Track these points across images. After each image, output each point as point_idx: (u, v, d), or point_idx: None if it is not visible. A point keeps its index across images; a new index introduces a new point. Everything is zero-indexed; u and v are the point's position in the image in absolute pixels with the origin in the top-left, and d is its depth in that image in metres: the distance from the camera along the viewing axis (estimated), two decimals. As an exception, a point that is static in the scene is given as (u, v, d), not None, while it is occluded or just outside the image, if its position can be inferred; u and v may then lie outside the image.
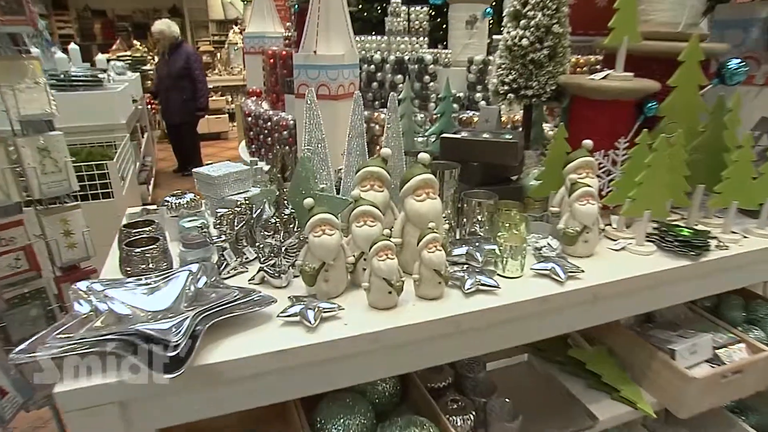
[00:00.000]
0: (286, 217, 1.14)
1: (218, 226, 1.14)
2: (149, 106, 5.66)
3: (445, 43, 3.64)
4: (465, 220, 1.34)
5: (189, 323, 0.87)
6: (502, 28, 1.59)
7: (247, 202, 1.21)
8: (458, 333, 1.04)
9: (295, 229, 1.14)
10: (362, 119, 1.31)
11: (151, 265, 1.08)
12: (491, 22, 3.27)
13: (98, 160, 2.51)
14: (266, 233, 1.10)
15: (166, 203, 1.44)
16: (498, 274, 1.18)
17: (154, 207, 1.46)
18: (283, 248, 1.11)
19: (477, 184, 1.43)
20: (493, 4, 3.15)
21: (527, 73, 1.54)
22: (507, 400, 1.31)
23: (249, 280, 1.14)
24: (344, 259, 1.08)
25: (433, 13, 3.83)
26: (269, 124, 4.46)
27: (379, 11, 4.05)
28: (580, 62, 2.48)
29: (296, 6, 3.34)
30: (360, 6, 4.10)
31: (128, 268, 1.07)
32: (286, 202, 1.19)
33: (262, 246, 1.11)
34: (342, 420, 1.21)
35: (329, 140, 1.30)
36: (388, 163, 1.23)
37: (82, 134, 3.08)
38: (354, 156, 1.33)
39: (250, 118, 4.98)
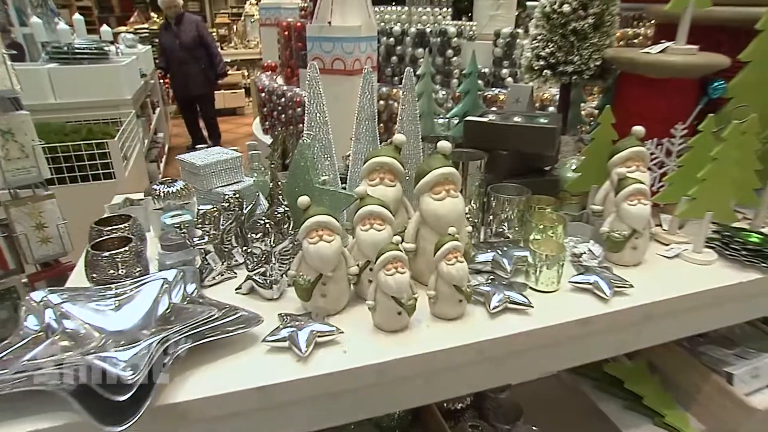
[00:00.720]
0: (279, 216, 0.97)
1: (200, 225, 0.97)
2: (161, 81, 5.50)
3: (470, 14, 3.37)
4: (491, 218, 1.15)
5: (152, 352, 0.71)
6: (538, -7, 1.36)
7: (236, 195, 1.04)
8: (481, 361, 0.87)
9: (290, 230, 0.97)
10: (373, 99, 1.12)
11: (121, 271, 0.92)
12: (521, -10, 3.01)
13: (98, 139, 2.37)
14: (254, 236, 0.93)
15: (153, 192, 1.28)
16: (530, 287, 0.99)
17: (139, 197, 1.30)
18: (275, 253, 0.94)
19: (505, 175, 1.23)
20: (525, -31, 2.88)
21: (568, 46, 1.32)
22: (534, 428, 1.14)
23: (236, 290, 0.98)
24: (346, 269, 0.90)
25: (457, -18, 3.57)
26: (282, 100, 4.28)
27: (400, -21, 3.79)
28: (629, 34, 2.21)
29: (310, -28, 3.11)
30: (379, -27, 3.83)
31: (94, 274, 0.92)
32: (281, 196, 1.02)
33: (250, 251, 0.95)
34: (344, 447, 1.07)
35: (343, 121, 1.12)
36: (401, 152, 1.04)
37: (85, 110, 2.94)
38: (363, 142, 1.15)
39: (263, 94, 4.81)
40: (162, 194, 1.28)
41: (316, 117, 1.07)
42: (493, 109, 2.53)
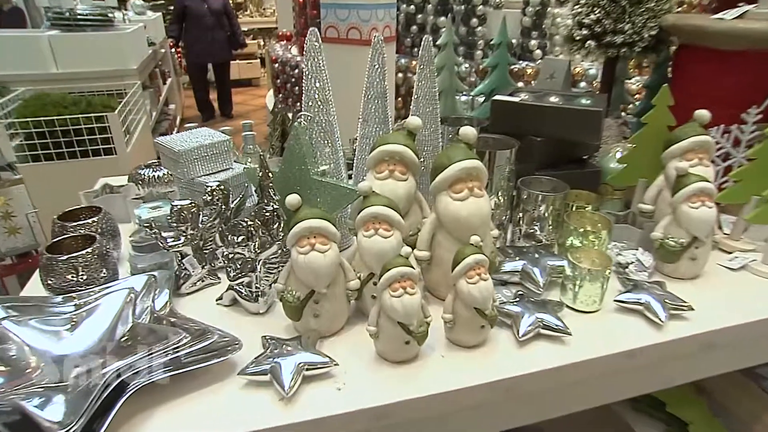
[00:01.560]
0: (267, 214, 0.81)
1: (175, 223, 0.82)
2: (172, 50, 5.32)
3: (497, -22, 3.10)
4: (520, 216, 0.98)
5: (96, 393, 0.57)
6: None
7: (220, 187, 0.88)
8: (507, 400, 0.71)
9: (281, 232, 0.82)
10: (384, 74, 0.94)
11: (82, 276, 0.78)
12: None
13: (98, 112, 2.23)
14: (235, 239, 0.77)
15: (137, 176, 1.14)
16: (567, 306, 0.82)
17: (122, 183, 1.16)
18: (260, 261, 0.78)
19: (538, 166, 1.05)
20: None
21: (618, 12, 1.11)
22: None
23: (217, 300, 0.83)
24: (344, 283, 0.75)
25: (485, -58, 3.27)
26: (297, 71, 4.07)
27: (422, -60, 3.50)
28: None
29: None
30: (400, -66, 3.56)
31: (50, 280, 0.78)
32: (271, 190, 0.86)
33: (231, 256, 0.80)
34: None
35: (359, 99, 0.95)
36: (416, 137, 0.87)
37: (88, 81, 2.80)
38: (372, 124, 0.97)
39: (277, 65, 4.60)
40: (147, 179, 1.13)
41: (314, 95, 0.90)
42: (521, 85, 2.31)
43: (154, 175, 1.13)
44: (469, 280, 0.70)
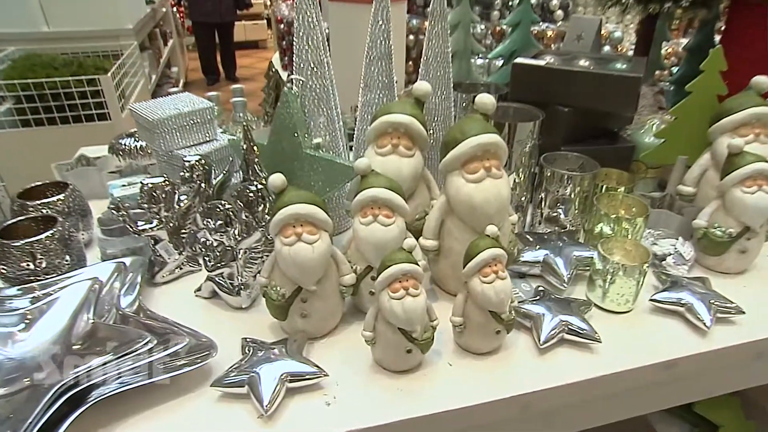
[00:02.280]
0: (251, 194, 0.70)
1: (146, 204, 0.72)
2: (173, 9, 5.11)
3: (518, -71, 2.86)
4: (542, 198, 0.86)
5: (39, 411, 0.48)
6: None
7: (201, 162, 0.77)
8: (525, 417, 0.61)
9: (267, 215, 0.71)
10: (387, 32, 0.81)
11: (40, 264, 0.69)
12: None
13: (90, 74, 2.11)
14: (211, 223, 0.67)
15: (116, 146, 1.03)
16: (596, 305, 0.71)
17: (98, 155, 1.05)
18: (241, 250, 0.68)
19: (564, 140, 0.92)
20: None
21: (663, -41, 0.95)
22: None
23: (196, 292, 0.74)
24: (337, 278, 0.64)
25: None
26: (302, 32, 3.88)
27: None
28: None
29: None
30: None
31: (4, 269, 0.68)
32: (257, 165, 0.75)
33: (209, 243, 0.69)
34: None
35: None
36: (425, 106, 0.75)
37: (81, 41, 2.65)
38: (374, 91, 0.85)
39: (282, 25, 4.39)
40: (128, 150, 1.03)
41: (306, 55, 0.77)
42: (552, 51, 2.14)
43: (136, 146, 1.02)
44: (483, 279, 0.59)
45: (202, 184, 0.77)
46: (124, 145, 1.03)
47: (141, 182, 0.71)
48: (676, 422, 1.06)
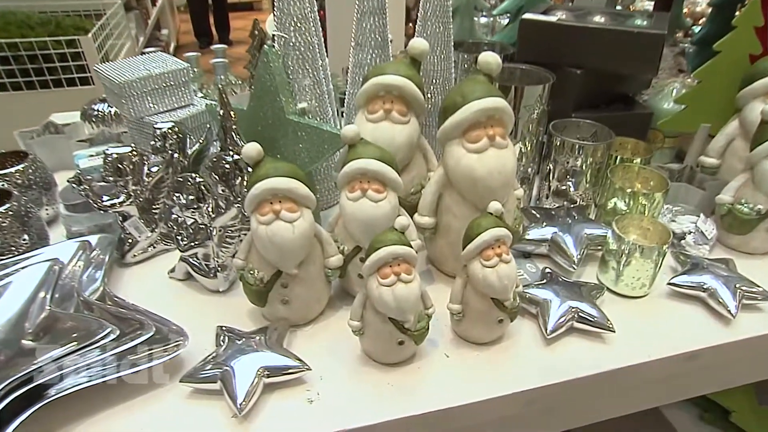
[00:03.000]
0: (228, 166, 0.63)
1: (112, 177, 0.64)
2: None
3: None
4: (551, 169, 0.79)
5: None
6: None
7: (174, 129, 0.70)
8: (529, 413, 0.56)
9: (245, 189, 0.64)
10: (381, -19, 0.72)
11: (-5, 243, 0.62)
12: None
13: (69, 34, 1.99)
14: (181, 198, 0.60)
15: (89, 112, 0.95)
16: (608, 289, 0.65)
17: (70, 122, 0.97)
18: (216, 228, 0.61)
19: (575, 106, 0.84)
20: None
21: None
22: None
23: (169, 273, 0.67)
24: (322, 260, 0.58)
25: None
26: (298, -8, 3.70)
27: None
28: None
29: None
30: None
31: (-47, 249, 0.62)
32: (234, 133, 0.67)
33: (180, 221, 0.62)
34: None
35: None
36: (422, 67, 0.67)
37: (59, -1, 2.52)
38: (366, 49, 0.76)
39: (276, -15, 4.20)
40: (101, 116, 0.94)
41: (288, 8, 0.68)
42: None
43: (110, 112, 0.94)
44: (485, 263, 0.52)
45: (175, 154, 0.69)
46: (97, 110, 0.94)
47: (104, 152, 0.64)
48: (685, 406, 1.02)
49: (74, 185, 0.63)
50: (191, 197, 0.59)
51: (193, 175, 0.59)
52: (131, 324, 0.54)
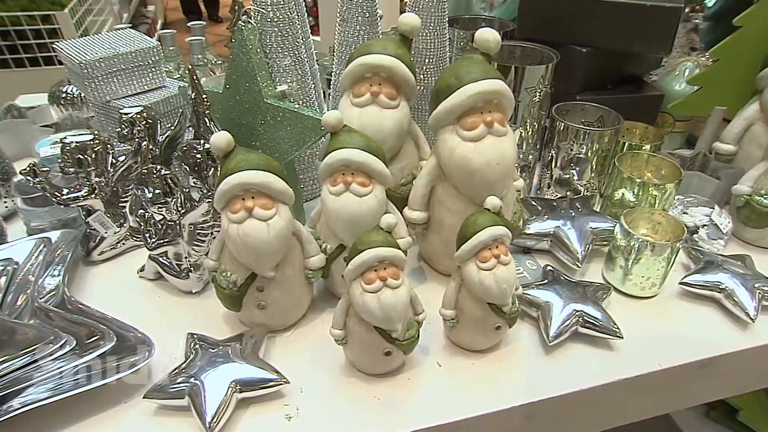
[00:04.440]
0: (199, 155, 0.57)
1: (72, 168, 0.59)
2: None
3: None
4: (553, 156, 0.73)
5: None
6: None
7: (142, 114, 0.63)
8: (528, 429, 0.51)
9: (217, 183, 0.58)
10: (369, -51, 0.65)
11: (-56, 241, 0.56)
12: None
13: (44, 10, 1.90)
14: (146, 192, 0.54)
15: (57, 95, 0.88)
16: (615, 288, 0.60)
17: (33, 104, 0.90)
18: (185, 225, 0.56)
19: (580, 88, 0.78)
20: None
21: None
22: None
23: (139, 273, 0.62)
24: (302, 260, 0.52)
25: None
26: (290, -33, 3.58)
27: None
28: None
29: None
30: None
31: None
32: (209, 119, 0.61)
33: (147, 217, 0.57)
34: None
35: None
36: (413, 45, 0.61)
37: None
38: (352, 25, 0.69)
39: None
40: (70, 99, 0.88)
41: (265, -22, 0.62)
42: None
43: (80, 94, 0.87)
44: (481, 265, 0.47)
45: (144, 142, 0.63)
46: (66, 92, 0.88)
47: (61, 141, 0.58)
48: (692, 407, 0.98)
49: (29, 177, 0.57)
50: (157, 191, 0.53)
51: (159, 167, 0.53)
52: (92, 333, 0.49)
